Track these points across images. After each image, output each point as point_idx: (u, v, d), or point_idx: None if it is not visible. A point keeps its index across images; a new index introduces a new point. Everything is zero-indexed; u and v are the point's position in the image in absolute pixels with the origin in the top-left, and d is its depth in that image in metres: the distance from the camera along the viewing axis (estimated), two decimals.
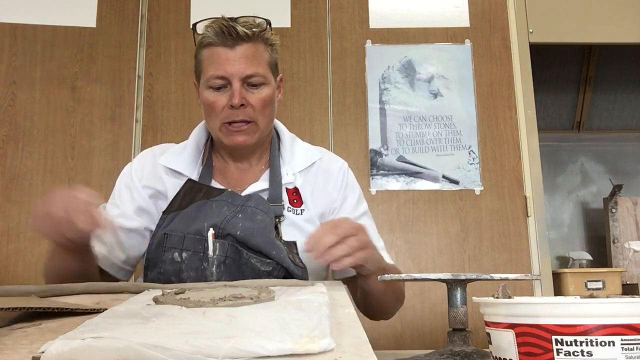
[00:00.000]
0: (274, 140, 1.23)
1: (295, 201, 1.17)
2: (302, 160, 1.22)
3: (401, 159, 2.43)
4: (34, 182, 2.34)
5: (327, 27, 2.54)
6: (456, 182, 2.41)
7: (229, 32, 1.09)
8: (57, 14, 2.48)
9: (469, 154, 2.44)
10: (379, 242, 1.21)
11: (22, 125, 2.39)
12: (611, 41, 2.73)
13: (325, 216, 1.20)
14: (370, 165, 2.42)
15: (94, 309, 0.67)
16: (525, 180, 2.41)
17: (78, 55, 2.46)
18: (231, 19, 1.12)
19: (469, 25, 2.55)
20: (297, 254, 1.11)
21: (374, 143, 2.44)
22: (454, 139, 2.45)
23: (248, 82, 1.11)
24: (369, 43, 2.53)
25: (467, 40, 2.54)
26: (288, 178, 1.18)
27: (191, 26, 1.17)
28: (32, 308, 0.65)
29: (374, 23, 2.55)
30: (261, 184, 1.17)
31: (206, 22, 1.14)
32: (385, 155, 2.43)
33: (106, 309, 0.61)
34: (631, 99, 3.92)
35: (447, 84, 2.50)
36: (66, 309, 0.66)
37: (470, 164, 2.43)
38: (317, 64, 2.51)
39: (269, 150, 1.23)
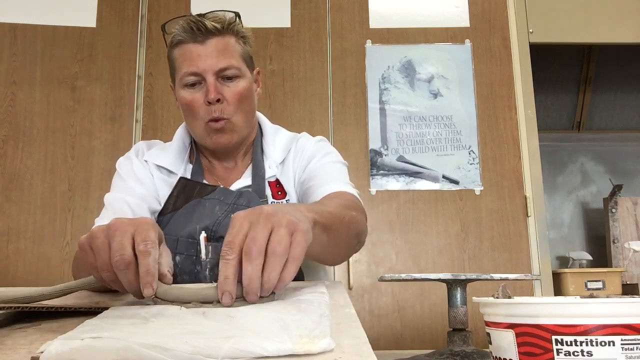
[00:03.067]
0: (257, 134, 1.21)
1: (279, 193, 1.15)
2: (281, 150, 1.18)
3: (401, 159, 2.43)
4: (34, 182, 2.34)
5: (327, 27, 2.54)
6: (456, 182, 2.41)
7: (197, 27, 1.07)
8: (57, 14, 2.48)
9: (469, 154, 2.44)
10: (337, 177, 1.12)
11: (22, 125, 2.39)
12: (611, 41, 2.73)
13: (301, 186, 1.15)
14: (370, 165, 2.42)
15: (93, 308, 0.67)
16: (525, 180, 2.41)
17: (78, 55, 2.46)
18: (199, 15, 1.09)
19: (469, 25, 2.55)
20: None
21: (374, 143, 2.44)
22: (454, 139, 2.45)
23: (222, 76, 1.08)
24: (369, 43, 2.53)
25: (467, 40, 2.54)
26: (270, 171, 1.16)
27: (160, 27, 1.14)
28: (33, 307, 0.65)
29: (374, 23, 2.55)
30: (244, 180, 1.15)
31: (175, 21, 1.12)
32: (385, 155, 2.43)
33: (106, 309, 0.61)
34: (631, 99, 3.92)
35: (447, 84, 2.50)
36: (66, 308, 0.66)
37: (470, 164, 2.43)
38: (317, 64, 2.51)
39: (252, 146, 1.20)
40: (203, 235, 1.02)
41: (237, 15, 1.13)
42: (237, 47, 1.11)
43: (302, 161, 1.16)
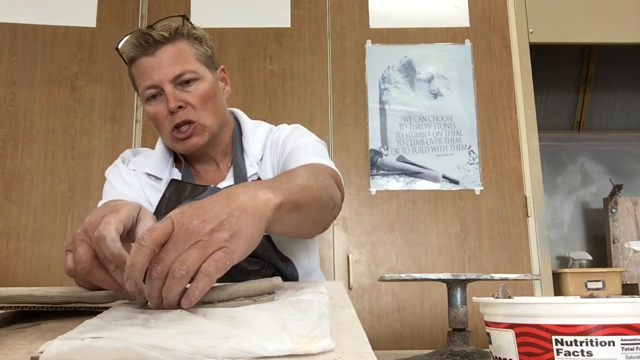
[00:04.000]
0: (236, 133, 1.19)
1: None
2: (260, 146, 1.17)
3: (401, 159, 2.43)
4: (34, 182, 2.34)
5: (327, 27, 2.54)
6: (456, 182, 2.41)
7: (145, 40, 1.07)
8: (57, 14, 2.48)
9: (469, 154, 2.44)
10: (311, 150, 1.08)
11: (22, 125, 2.39)
12: (611, 41, 2.73)
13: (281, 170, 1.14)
14: (370, 165, 2.42)
15: (93, 308, 0.67)
16: (525, 180, 2.41)
17: (78, 55, 2.46)
18: (148, 27, 1.09)
19: (469, 25, 2.55)
20: (275, 247, 1.09)
21: (374, 143, 2.44)
22: (454, 139, 2.45)
23: (180, 82, 1.08)
24: (369, 43, 2.53)
25: (467, 40, 2.54)
26: (251, 170, 1.14)
27: (114, 48, 1.14)
28: (33, 307, 0.65)
29: (374, 23, 2.55)
30: (227, 182, 1.14)
31: (126, 39, 1.11)
32: (385, 155, 2.43)
33: (106, 309, 0.61)
34: (631, 99, 3.92)
35: (447, 84, 2.50)
36: (66, 308, 0.66)
37: (470, 164, 2.43)
38: (317, 64, 2.51)
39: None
40: None
41: (185, 18, 1.12)
42: (191, 51, 1.10)
43: (278, 149, 1.15)
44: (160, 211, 1.10)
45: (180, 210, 0.59)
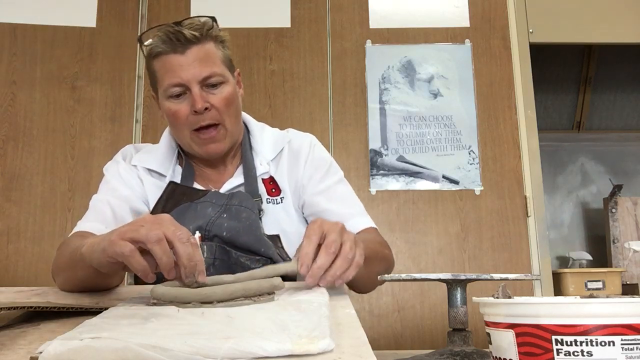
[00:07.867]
0: (245, 134, 1.21)
1: (273, 190, 1.16)
2: (272, 147, 1.19)
3: (401, 159, 2.43)
4: (34, 182, 2.34)
5: (327, 27, 2.54)
6: (456, 182, 2.41)
7: (176, 37, 1.06)
8: (57, 14, 2.48)
9: (469, 154, 2.43)
10: (355, 207, 1.19)
11: (22, 125, 2.39)
12: (611, 41, 2.73)
13: (297, 195, 1.18)
14: (370, 165, 2.42)
15: (93, 308, 0.67)
16: (525, 180, 2.41)
17: (78, 55, 2.46)
18: (176, 23, 1.08)
19: (469, 25, 2.55)
20: (282, 247, 1.10)
21: (374, 143, 2.44)
22: (454, 139, 2.45)
23: (207, 84, 1.08)
24: (369, 43, 2.52)
25: (467, 40, 2.53)
26: (262, 168, 1.16)
27: (137, 38, 1.12)
28: (31, 307, 0.65)
29: (374, 23, 2.55)
30: (236, 179, 1.15)
31: (152, 32, 1.10)
32: (385, 155, 2.43)
33: (106, 309, 0.61)
34: (631, 99, 3.91)
35: (447, 84, 2.50)
36: (66, 308, 0.66)
37: (470, 164, 2.43)
38: (317, 64, 2.50)
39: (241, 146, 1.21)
40: (198, 234, 1.02)
41: (214, 19, 1.12)
42: (218, 53, 1.11)
43: (301, 167, 1.18)
44: (157, 212, 1.09)
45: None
